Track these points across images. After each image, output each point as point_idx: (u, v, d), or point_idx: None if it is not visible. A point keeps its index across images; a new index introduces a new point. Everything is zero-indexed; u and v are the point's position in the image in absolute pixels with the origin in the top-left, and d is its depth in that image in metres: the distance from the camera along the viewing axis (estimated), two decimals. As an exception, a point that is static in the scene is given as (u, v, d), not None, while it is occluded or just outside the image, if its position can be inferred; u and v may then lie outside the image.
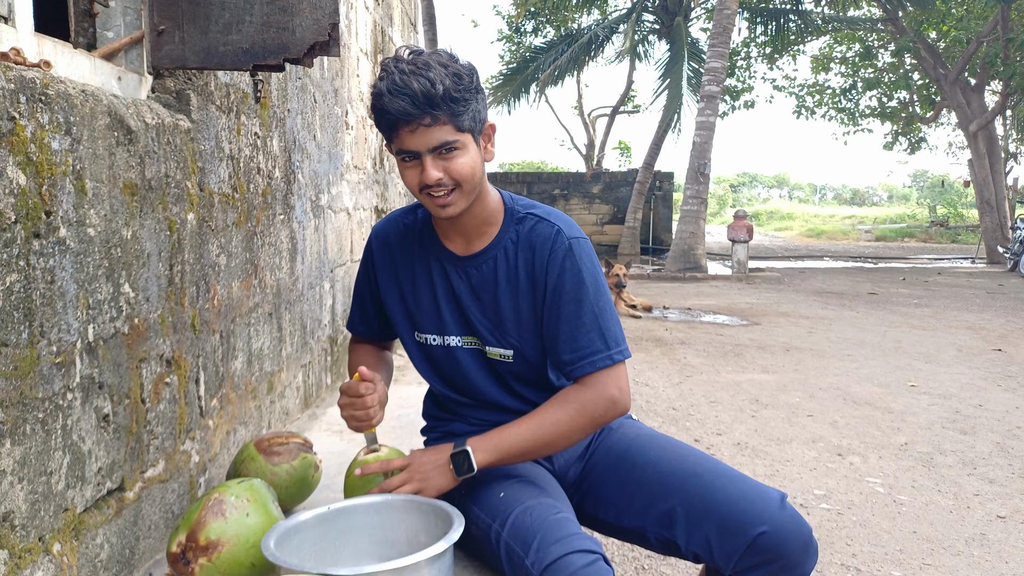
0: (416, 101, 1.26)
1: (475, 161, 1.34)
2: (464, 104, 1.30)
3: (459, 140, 1.31)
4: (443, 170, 1.31)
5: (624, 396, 1.39)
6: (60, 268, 1.10)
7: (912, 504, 2.84)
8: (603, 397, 1.37)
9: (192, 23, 1.44)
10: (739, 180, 59.41)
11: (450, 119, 1.28)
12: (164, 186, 1.45)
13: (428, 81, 1.26)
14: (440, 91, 1.26)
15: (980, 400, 4.40)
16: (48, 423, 1.08)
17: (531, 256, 1.40)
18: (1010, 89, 15.83)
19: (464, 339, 1.47)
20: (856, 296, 9.87)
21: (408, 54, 1.32)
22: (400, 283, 1.51)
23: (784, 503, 1.27)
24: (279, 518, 1.33)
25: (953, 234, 26.47)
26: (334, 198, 3.01)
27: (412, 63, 1.29)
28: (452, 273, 1.45)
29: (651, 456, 1.42)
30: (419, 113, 1.27)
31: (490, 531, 1.29)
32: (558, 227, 1.41)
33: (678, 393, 4.54)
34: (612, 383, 1.37)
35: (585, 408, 1.37)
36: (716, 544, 1.26)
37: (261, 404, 2.13)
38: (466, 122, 1.31)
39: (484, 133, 1.37)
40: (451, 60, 1.32)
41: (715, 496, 1.29)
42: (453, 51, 1.36)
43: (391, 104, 1.27)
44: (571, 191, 17.46)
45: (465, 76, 1.30)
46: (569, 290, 1.38)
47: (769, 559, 1.23)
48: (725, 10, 12.19)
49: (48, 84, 1.06)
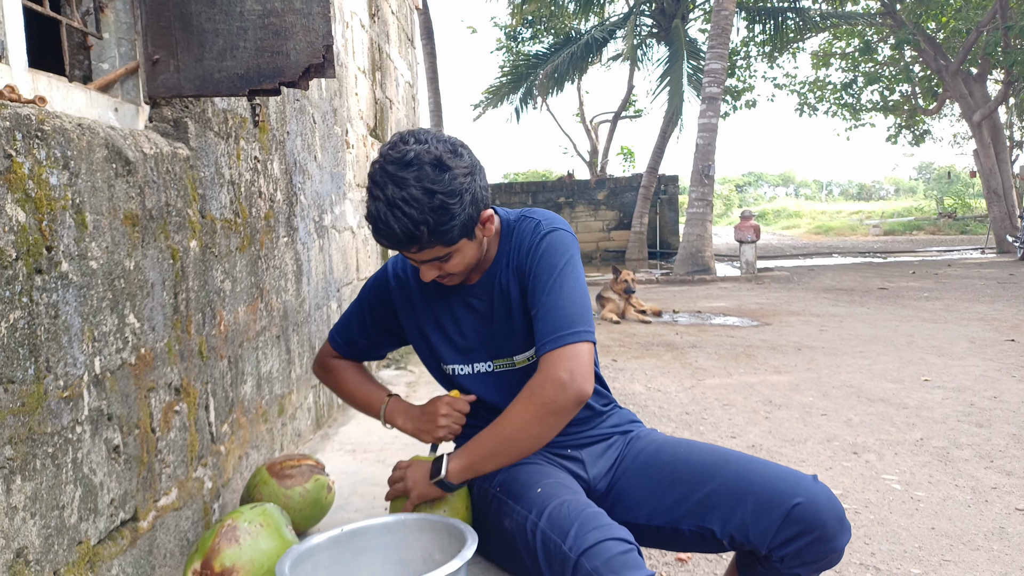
0: (400, 241, 1.29)
1: (472, 254, 1.39)
2: (451, 229, 1.29)
3: (451, 250, 1.35)
4: (439, 269, 1.38)
5: (576, 378, 1.29)
6: (64, 302, 1.10)
7: (929, 500, 2.81)
8: (550, 379, 1.30)
9: (186, 51, 1.45)
10: (744, 180, 59.34)
11: (439, 243, 1.31)
12: (165, 215, 1.46)
13: (409, 221, 1.25)
14: (424, 233, 1.27)
15: (995, 392, 4.36)
16: (58, 457, 1.09)
17: (519, 252, 1.46)
18: (1012, 77, 15.76)
19: (493, 363, 1.52)
20: (866, 292, 9.81)
21: (391, 168, 1.26)
22: (418, 318, 1.56)
23: (817, 480, 1.30)
24: (293, 542, 1.33)
25: (962, 225, 26.32)
26: (338, 217, 3.02)
27: (394, 189, 1.25)
28: (471, 300, 1.50)
29: (681, 453, 1.45)
30: (405, 247, 1.31)
31: (526, 522, 1.30)
32: (537, 220, 1.46)
33: (691, 397, 4.52)
34: (561, 365, 1.30)
35: (534, 394, 1.31)
36: (752, 522, 1.28)
37: (272, 427, 2.14)
38: (457, 235, 1.32)
39: (480, 224, 1.38)
40: (436, 177, 1.25)
41: (750, 477, 1.32)
42: (443, 145, 1.29)
43: (378, 236, 1.31)
44: (576, 198, 17.48)
45: (452, 200, 1.27)
46: (541, 278, 1.40)
47: (805, 529, 1.24)
48: (723, 11, 12.21)
49: (44, 120, 1.07)
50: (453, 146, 1.31)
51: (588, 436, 1.53)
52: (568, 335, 1.31)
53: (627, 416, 1.61)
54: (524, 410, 1.32)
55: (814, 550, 1.25)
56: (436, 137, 1.31)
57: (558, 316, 1.34)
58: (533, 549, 1.27)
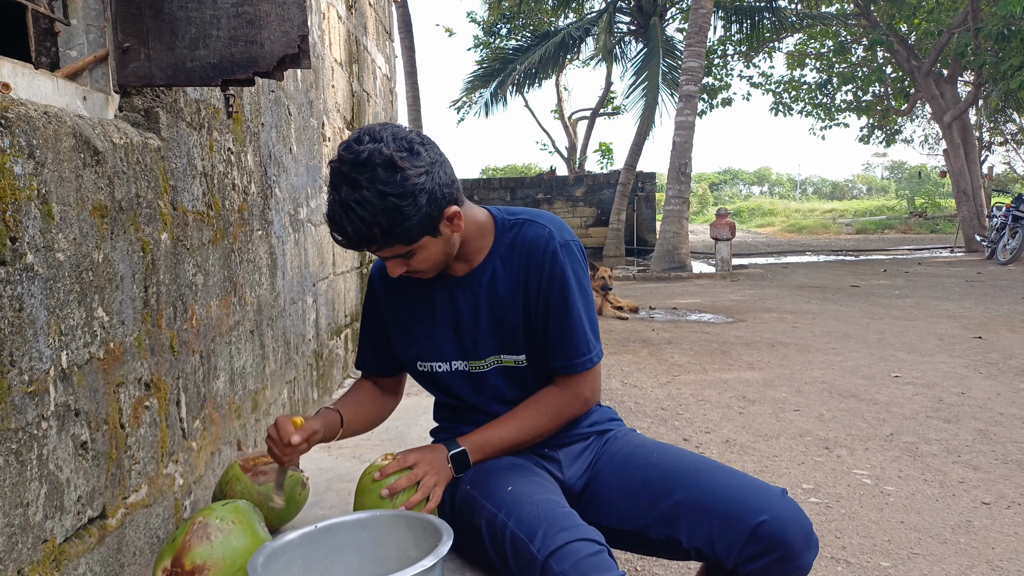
0: (354, 242, 1.28)
1: (438, 250, 1.36)
2: (406, 230, 1.26)
3: (414, 247, 1.32)
4: (405, 265, 1.36)
5: (596, 395, 1.50)
6: (29, 295, 1.07)
7: (899, 494, 2.86)
8: (578, 399, 1.48)
9: (157, 39, 1.42)
10: (721, 178, 59.76)
11: (397, 242, 1.29)
12: (135, 207, 1.43)
13: (362, 223, 1.23)
14: (377, 234, 1.25)
15: (962, 388, 4.44)
16: (22, 453, 1.06)
17: (526, 258, 1.43)
18: (982, 79, 16.04)
19: (471, 363, 1.50)
20: (839, 289, 9.95)
21: (345, 168, 1.23)
22: (401, 315, 1.54)
23: (785, 495, 1.29)
24: (266, 539, 1.31)
25: (932, 224, 26.78)
26: (313, 211, 2.99)
27: (347, 190, 1.22)
28: (457, 295, 1.48)
29: (653, 458, 1.44)
30: (360, 247, 1.30)
31: (496, 520, 1.29)
32: (549, 229, 1.44)
33: (666, 393, 4.55)
34: (587, 385, 1.47)
35: (563, 411, 1.47)
36: (718, 537, 1.27)
37: (246, 423, 2.11)
38: (416, 234, 1.29)
39: (445, 221, 1.34)
40: (388, 179, 1.22)
41: (716, 490, 1.30)
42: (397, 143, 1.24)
43: (334, 236, 1.29)
44: (554, 195, 17.50)
45: (405, 202, 1.23)
46: (558, 294, 1.42)
47: (769, 548, 1.23)
48: (700, 9, 12.27)
49: (8, 107, 1.04)
50: (410, 144, 1.26)
51: (567, 436, 1.53)
52: (593, 356, 1.45)
53: (607, 414, 1.60)
54: (550, 422, 1.47)
55: (780, 568, 1.24)
56: (393, 135, 1.26)
57: (581, 335, 1.43)
58: (503, 549, 1.26)
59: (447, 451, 1.44)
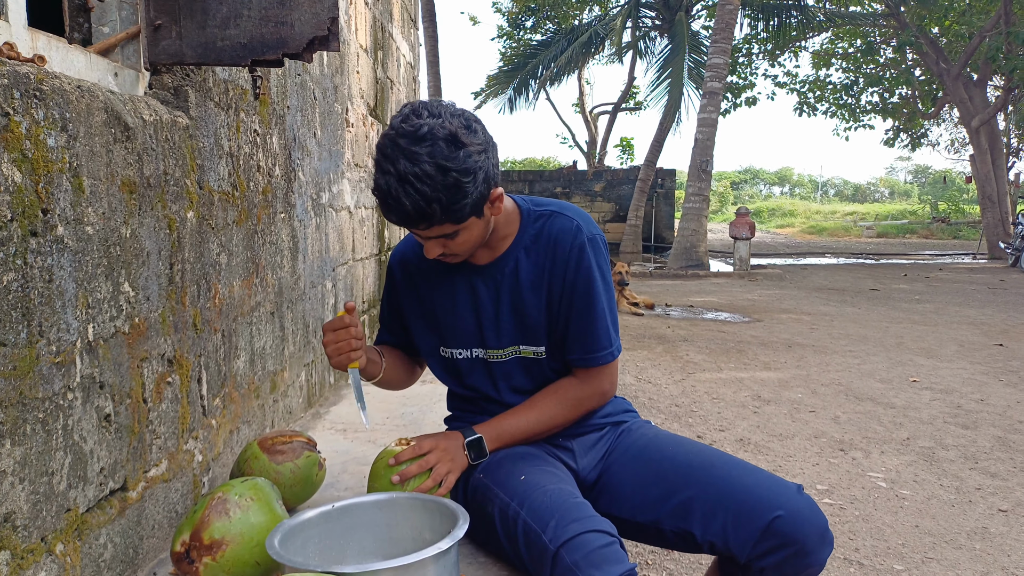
0: (410, 218, 1.25)
1: (479, 233, 1.35)
2: (463, 208, 1.25)
3: (459, 227, 1.30)
4: (444, 247, 1.34)
5: (614, 388, 1.51)
6: (58, 267, 1.09)
7: (914, 498, 2.83)
8: (597, 392, 1.49)
9: (189, 18, 1.43)
10: (741, 177, 59.26)
11: (448, 220, 1.27)
12: (163, 184, 1.44)
13: (421, 198, 1.20)
14: (436, 211, 1.23)
15: (981, 395, 4.39)
16: (48, 423, 1.07)
17: (552, 251, 1.43)
18: (1012, 84, 15.78)
19: (489, 352, 1.50)
20: (858, 292, 9.85)
21: (403, 141, 1.20)
22: (422, 302, 1.54)
23: (801, 491, 1.27)
24: (283, 516, 1.32)
25: (955, 230, 26.43)
26: (335, 196, 3.00)
27: (406, 164, 1.19)
28: (478, 283, 1.47)
29: (668, 451, 1.43)
30: (415, 223, 1.27)
31: (508, 509, 1.29)
32: (577, 222, 1.43)
33: (681, 390, 4.53)
34: (607, 378, 1.48)
35: (581, 403, 1.49)
36: (732, 531, 1.25)
37: (264, 403, 2.13)
38: (468, 213, 1.27)
39: (489, 203, 1.33)
40: (450, 154, 1.20)
41: (732, 484, 1.29)
42: (457, 120, 1.23)
43: (387, 212, 1.26)
44: (573, 189, 17.45)
45: (466, 179, 1.22)
46: (583, 288, 1.42)
47: (784, 543, 1.21)
48: (727, 5, 12.16)
49: (43, 79, 1.05)
50: (467, 121, 1.25)
51: (581, 426, 1.52)
52: (614, 350, 1.46)
53: (622, 405, 1.59)
54: (569, 413, 1.48)
55: (794, 563, 1.22)
56: (450, 111, 1.25)
57: (603, 329, 1.44)
58: (515, 538, 1.25)
59: (463, 438, 1.44)
